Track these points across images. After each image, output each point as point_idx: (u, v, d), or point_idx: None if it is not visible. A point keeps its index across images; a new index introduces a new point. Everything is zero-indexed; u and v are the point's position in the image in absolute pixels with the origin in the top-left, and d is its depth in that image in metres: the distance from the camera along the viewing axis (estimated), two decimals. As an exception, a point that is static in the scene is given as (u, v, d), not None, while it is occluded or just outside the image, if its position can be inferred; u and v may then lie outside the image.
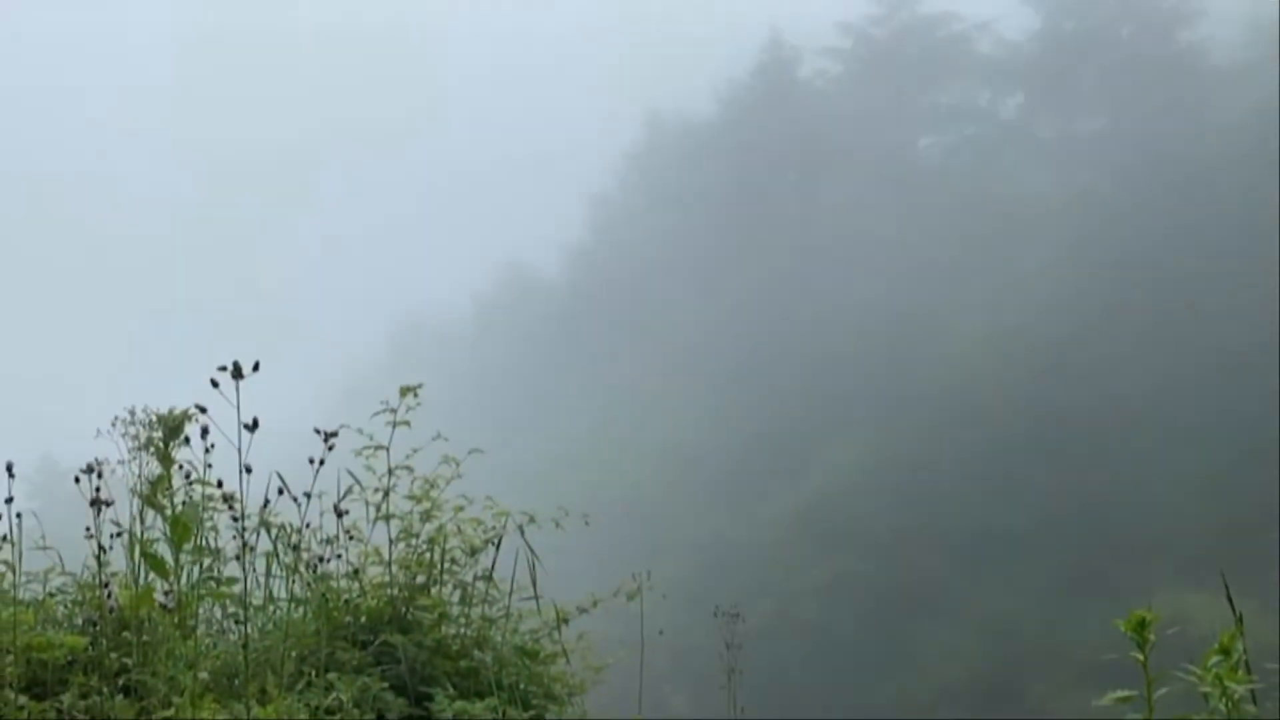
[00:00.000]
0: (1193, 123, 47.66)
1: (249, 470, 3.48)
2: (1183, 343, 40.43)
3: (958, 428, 42.21)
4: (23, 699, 3.90)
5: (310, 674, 4.36)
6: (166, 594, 4.20)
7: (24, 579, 4.70)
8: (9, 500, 3.97)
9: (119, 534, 4.32)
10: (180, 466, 4.48)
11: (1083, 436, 39.63)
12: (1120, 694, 3.18)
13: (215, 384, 3.38)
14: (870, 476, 42.90)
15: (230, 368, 3.33)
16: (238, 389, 3.41)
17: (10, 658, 4.03)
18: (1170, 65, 51.89)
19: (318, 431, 4.04)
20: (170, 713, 3.79)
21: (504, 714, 4.45)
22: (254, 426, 3.35)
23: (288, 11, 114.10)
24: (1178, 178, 45.59)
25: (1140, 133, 49.20)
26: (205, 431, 3.77)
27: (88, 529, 3.78)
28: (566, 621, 5.17)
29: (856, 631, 37.35)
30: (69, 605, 4.86)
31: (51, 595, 4.84)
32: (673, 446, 49.86)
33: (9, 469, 3.71)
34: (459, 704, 4.42)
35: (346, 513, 4.74)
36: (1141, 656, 3.15)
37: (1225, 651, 3.06)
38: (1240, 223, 42.07)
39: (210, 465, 4.25)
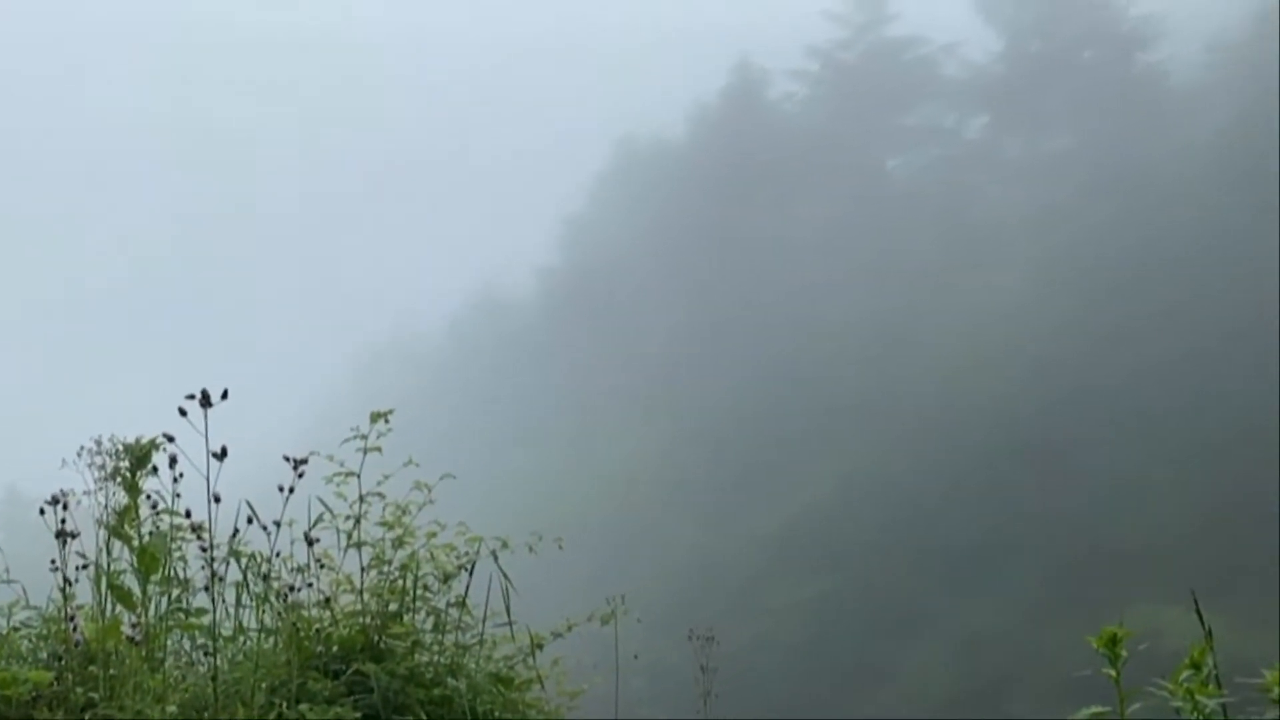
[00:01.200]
0: (1154, 142, 48.39)
1: (218, 499, 3.43)
2: (1153, 356, 40.87)
3: (933, 444, 42.43)
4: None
5: (281, 705, 4.29)
6: (134, 626, 4.13)
7: (-13, 613, 4.63)
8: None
9: (85, 566, 4.26)
10: (148, 496, 4.42)
11: (1057, 451, 39.93)
12: (1094, 710, 3.19)
13: (183, 413, 3.34)
14: (847, 495, 43.01)
15: (198, 396, 3.29)
16: (206, 417, 3.37)
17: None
18: (1131, 86, 52.71)
19: (287, 459, 4.00)
20: (138, 747, 3.72)
21: (478, 742, 4.40)
22: (222, 455, 3.31)
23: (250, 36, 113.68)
24: (1140, 195, 46.23)
25: (1103, 151, 49.89)
26: (173, 461, 3.72)
27: (53, 561, 3.71)
28: (541, 647, 5.12)
29: (835, 650, 37.32)
30: (34, 639, 4.77)
31: (16, 629, 4.75)
32: (648, 466, 49.81)
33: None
34: (433, 733, 4.37)
35: (317, 541, 4.69)
36: (1114, 673, 3.16)
37: (1196, 666, 3.09)
38: (1202, 237, 42.69)
39: (179, 495, 4.20)
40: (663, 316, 58.41)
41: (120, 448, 4.54)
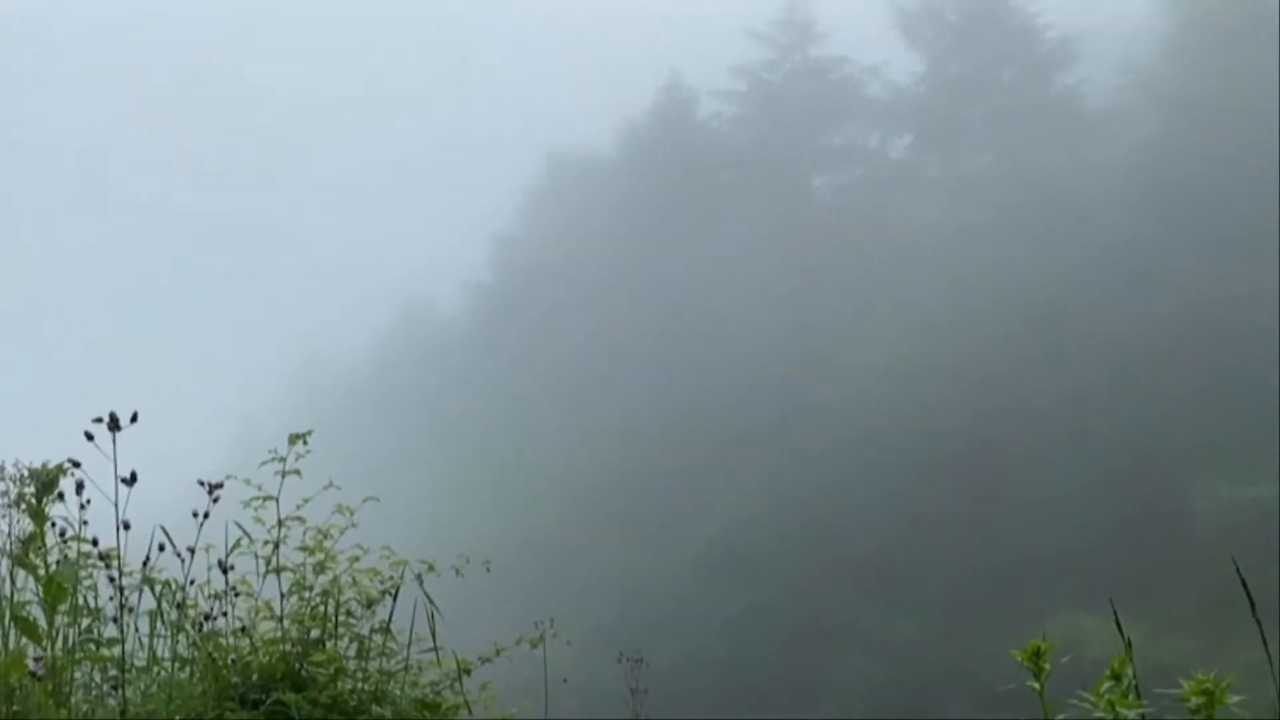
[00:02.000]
0: (1070, 162, 49.74)
1: (127, 526, 3.31)
2: (1069, 372, 41.89)
3: (856, 459, 42.94)
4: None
5: (197, 738, 4.16)
6: (38, 660, 3.97)
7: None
8: None
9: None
10: (54, 524, 4.26)
11: (978, 465, 40.68)
12: (1018, 724, 3.22)
13: (90, 437, 3.22)
14: (771, 509, 43.32)
15: (106, 419, 3.18)
16: (114, 441, 3.25)
17: None
18: (1049, 107, 54.16)
19: (202, 483, 3.88)
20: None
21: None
22: (132, 480, 3.20)
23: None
24: (1059, 215, 47.46)
25: (1021, 171, 51.14)
26: (80, 487, 3.58)
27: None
28: (469, 672, 5.05)
29: (763, 665, 37.49)
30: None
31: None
32: (574, 485, 49.65)
33: None
34: (356, 763, 4.27)
35: (233, 568, 4.57)
36: (1038, 685, 3.19)
37: (1116, 677, 3.14)
38: (1114, 256, 43.96)
39: (86, 522, 4.05)
40: (591, 334, 58.40)
41: (25, 473, 4.37)
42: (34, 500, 4.32)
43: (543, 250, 66.13)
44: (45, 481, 4.31)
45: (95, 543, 3.72)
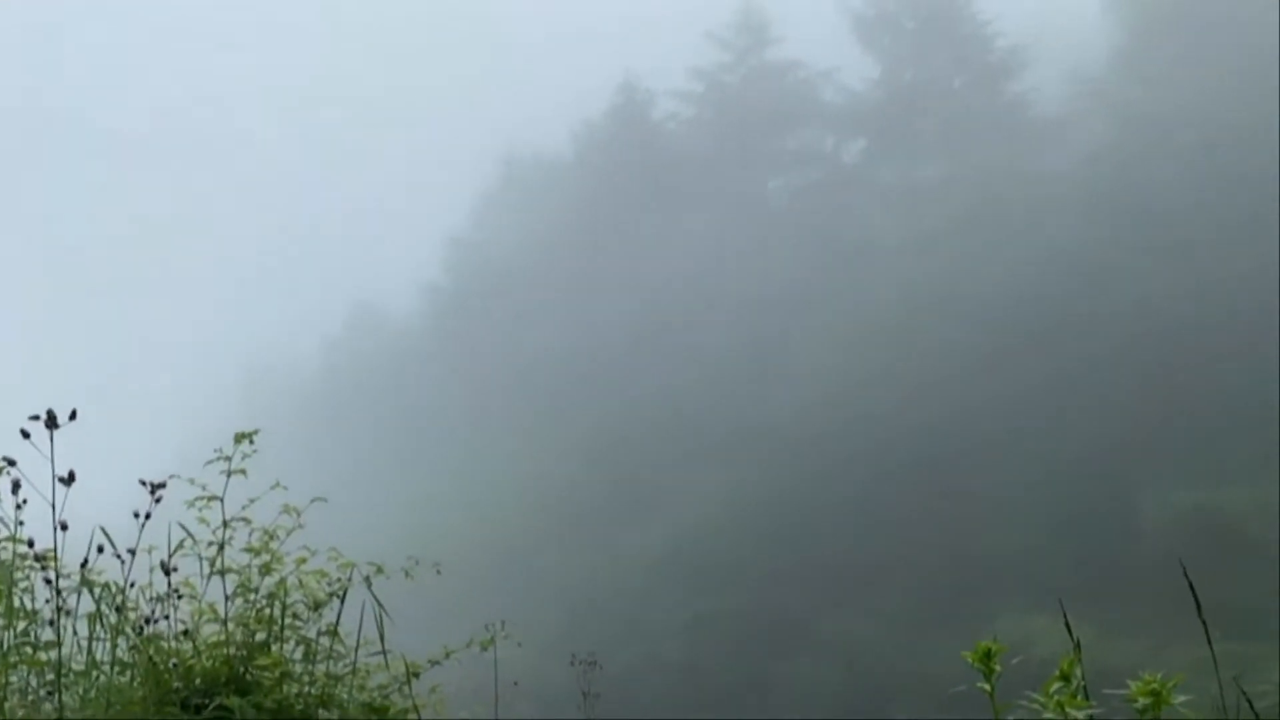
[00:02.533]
0: (1022, 169, 50.45)
1: (65, 527, 3.22)
2: (1018, 378, 42.45)
3: (808, 464, 43.20)
4: None
5: (136, 745, 4.06)
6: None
7: None
8: None
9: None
10: (-12, 524, 4.14)
11: (928, 469, 41.08)
12: (968, 724, 3.22)
13: (26, 435, 3.13)
14: (726, 514, 43.45)
15: (44, 417, 3.08)
16: (52, 439, 3.16)
17: None
18: (999, 115, 54.92)
19: (143, 483, 3.79)
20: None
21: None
22: (70, 480, 3.11)
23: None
24: (1009, 221, 48.10)
25: (974, 179, 51.78)
26: (16, 486, 3.48)
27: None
28: (417, 675, 4.99)
29: (718, 668, 37.57)
30: None
31: None
32: (528, 489, 49.47)
33: None
34: (302, 769, 4.19)
35: (175, 569, 4.47)
36: (989, 687, 3.20)
37: (1065, 678, 3.15)
38: (1068, 263, 44.63)
39: (22, 522, 3.94)
40: (546, 336, 58.24)
41: (-41, 473, 4.25)
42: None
43: (497, 252, 65.86)
44: (-20, 481, 4.19)
45: (31, 544, 3.61)
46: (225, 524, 4.74)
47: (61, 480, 3.17)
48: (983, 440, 41.13)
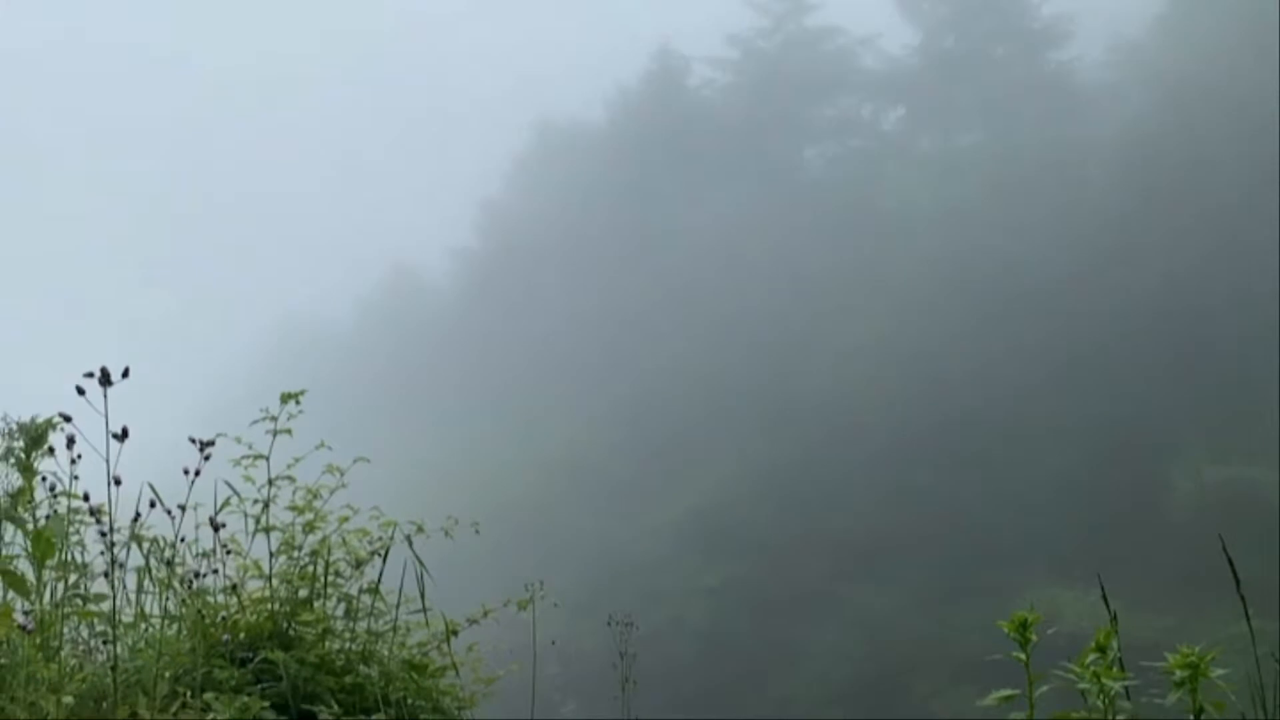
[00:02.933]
0: (1061, 139, 49.72)
1: (118, 482, 3.30)
2: (1051, 347, 42.09)
3: (839, 433, 43.14)
4: None
5: (185, 695, 4.17)
6: (27, 614, 3.97)
7: None
8: None
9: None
10: (44, 478, 4.24)
11: (958, 440, 40.91)
12: (1003, 693, 3.26)
13: (81, 391, 3.20)
14: (756, 482, 43.51)
15: (98, 374, 3.15)
16: (105, 397, 3.23)
17: None
18: (1041, 84, 54.07)
19: (193, 441, 3.87)
20: (31, 738, 3.57)
21: (391, 730, 4.33)
22: (123, 436, 3.18)
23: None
24: (1047, 191, 47.50)
25: (1012, 148, 51.12)
26: (71, 441, 3.56)
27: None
28: (456, 633, 5.06)
29: (744, 634, 37.79)
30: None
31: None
32: (561, 453, 49.74)
33: None
34: (344, 721, 4.29)
35: (223, 526, 4.56)
36: (1024, 656, 3.23)
37: (1101, 649, 3.17)
38: (1105, 234, 44.06)
39: (76, 477, 4.03)
40: (578, 301, 58.31)
41: (14, 427, 4.36)
42: (22, 454, 4.31)
43: (530, 217, 65.87)
44: (34, 436, 4.29)
45: (86, 498, 3.71)
46: (270, 482, 4.82)
47: (115, 436, 3.25)
48: (1013, 412, 40.87)
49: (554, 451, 49.99)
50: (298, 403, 4.77)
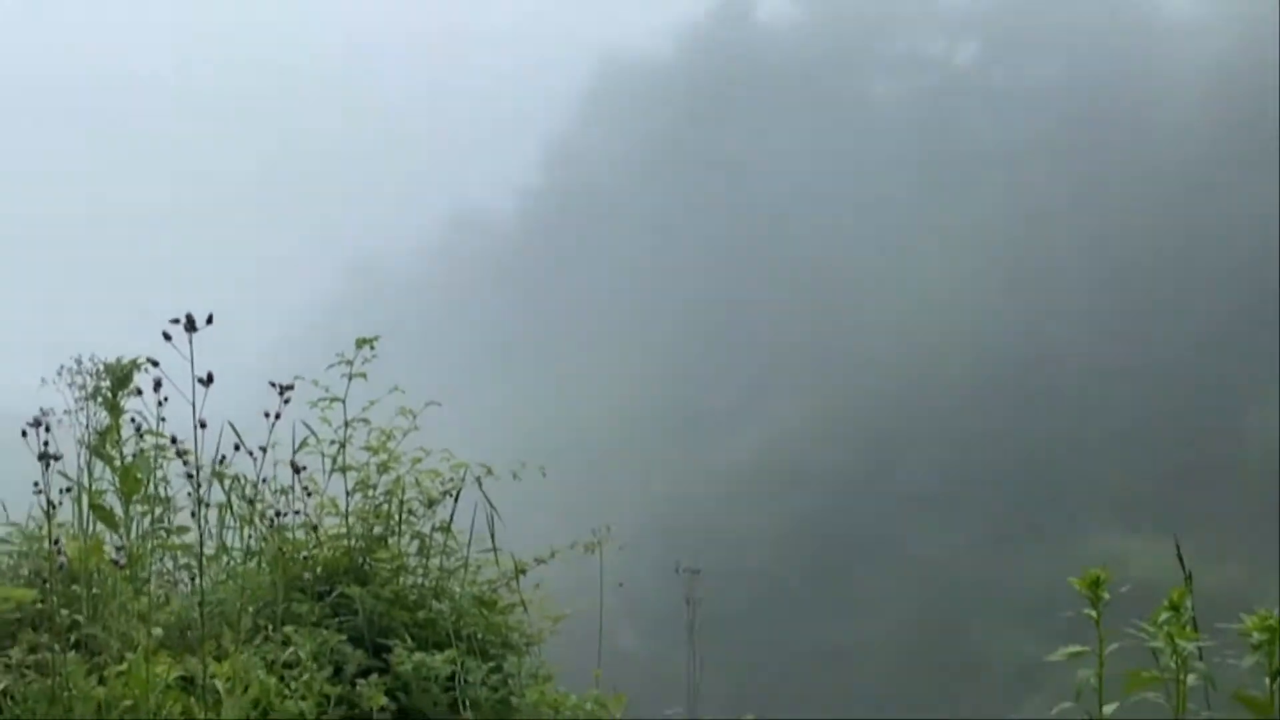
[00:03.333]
0: (1142, 76, 48.09)
1: (204, 425, 3.41)
2: (1124, 291, 41.16)
3: (905, 377, 42.76)
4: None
5: (267, 627, 4.33)
6: (118, 549, 4.13)
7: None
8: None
9: (69, 489, 4.24)
10: (131, 419, 4.39)
11: (1027, 383, 40.35)
12: (1072, 649, 3.24)
13: (168, 337, 3.31)
14: (819, 426, 43.39)
15: (183, 320, 3.26)
16: (190, 341, 3.33)
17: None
18: (1122, 19, 52.17)
19: (273, 385, 3.98)
20: (123, 668, 3.74)
21: (463, 665, 4.46)
22: (209, 381, 3.29)
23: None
24: (1126, 130, 46.10)
25: (1091, 84, 49.58)
26: (158, 385, 3.68)
27: (36, 484, 3.70)
28: (524, 572, 5.18)
29: (806, 576, 37.99)
30: (14, 556, 4.77)
31: (-1, 541, 4.76)
32: (627, 395, 50.00)
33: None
34: (418, 656, 4.42)
35: (304, 468, 4.70)
36: (1095, 614, 3.21)
37: (1175, 608, 3.13)
38: (1183, 175, 42.74)
39: (164, 419, 4.17)
40: (645, 239, 58.12)
41: (101, 368, 4.50)
42: (110, 394, 4.46)
43: (596, 154, 65.55)
44: (120, 376, 4.43)
45: (174, 440, 3.84)
46: (346, 424, 4.95)
47: (201, 381, 3.36)
48: (1086, 355, 40.13)
49: (621, 392, 50.28)
50: (372, 348, 4.88)
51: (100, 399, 4.40)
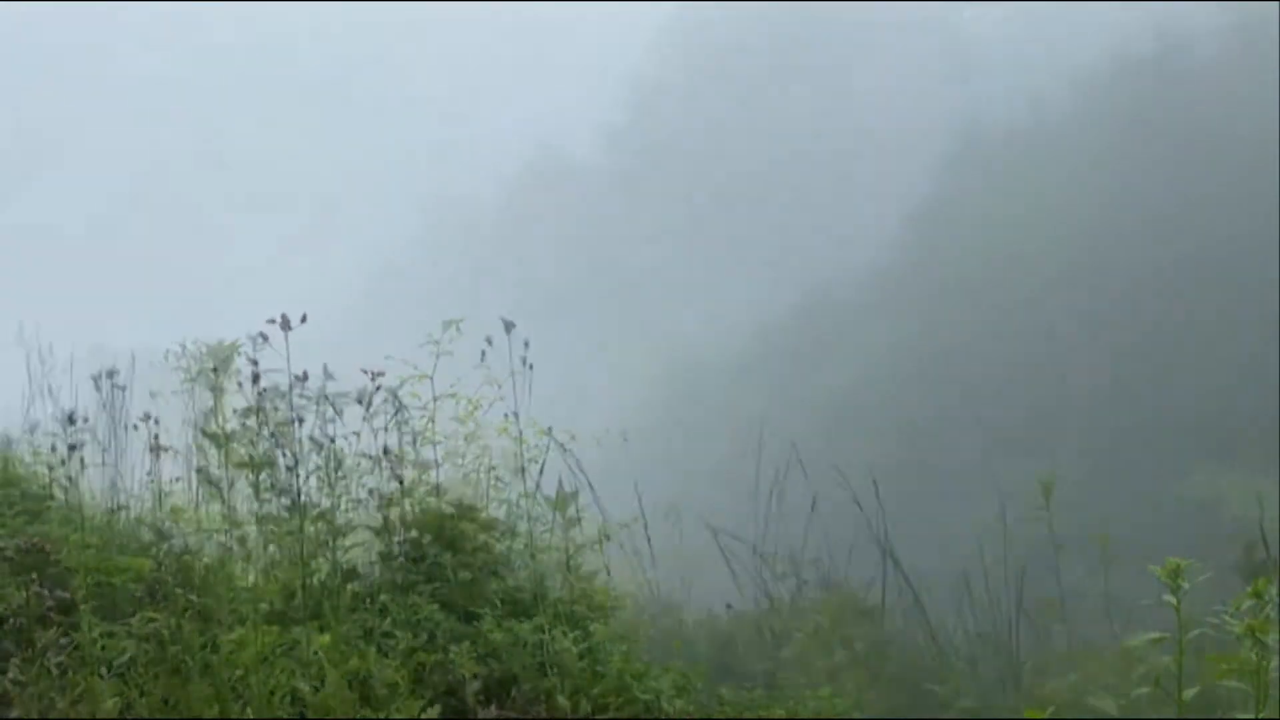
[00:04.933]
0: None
1: (300, 421, 3.58)
2: (1224, 227, 39.48)
3: (990, 308, 41.83)
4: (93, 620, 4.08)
5: (365, 598, 4.52)
6: (228, 530, 4.36)
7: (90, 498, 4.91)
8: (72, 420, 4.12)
9: (178, 480, 4.46)
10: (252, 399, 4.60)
11: (1124, 319, 39.22)
12: (1152, 636, 3.25)
13: (265, 337, 3.48)
14: (906, 359, 42.77)
15: (279, 320, 3.42)
16: (287, 340, 3.49)
17: (79, 578, 4.21)
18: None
19: (364, 371, 4.15)
20: (234, 637, 3.96)
21: (549, 632, 4.60)
22: (304, 378, 3.46)
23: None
24: (1231, 54, 43.86)
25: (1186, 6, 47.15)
26: (256, 378, 3.87)
27: (149, 472, 3.92)
28: (609, 538, 5.30)
29: (894, 512, 37.79)
30: (132, 521, 5.06)
31: (114, 511, 5.04)
32: (710, 337, 49.71)
33: (70, 418, 3.85)
34: (507, 624, 4.57)
35: (391, 452, 4.86)
36: (1175, 601, 3.20)
37: (1258, 595, 3.08)
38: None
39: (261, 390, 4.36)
40: (730, 176, 57.35)
41: (203, 350, 4.72)
42: (213, 374, 4.67)
43: (678, 90, 64.64)
44: (221, 358, 4.64)
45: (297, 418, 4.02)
46: (435, 398, 5.10)
47: (297, 378, 3.53)
48: (1185, 293, 38.75)
49: (706, 336, 49.98)
50: (458, 330, 5.01)
51: (207, 381, 4.61)
